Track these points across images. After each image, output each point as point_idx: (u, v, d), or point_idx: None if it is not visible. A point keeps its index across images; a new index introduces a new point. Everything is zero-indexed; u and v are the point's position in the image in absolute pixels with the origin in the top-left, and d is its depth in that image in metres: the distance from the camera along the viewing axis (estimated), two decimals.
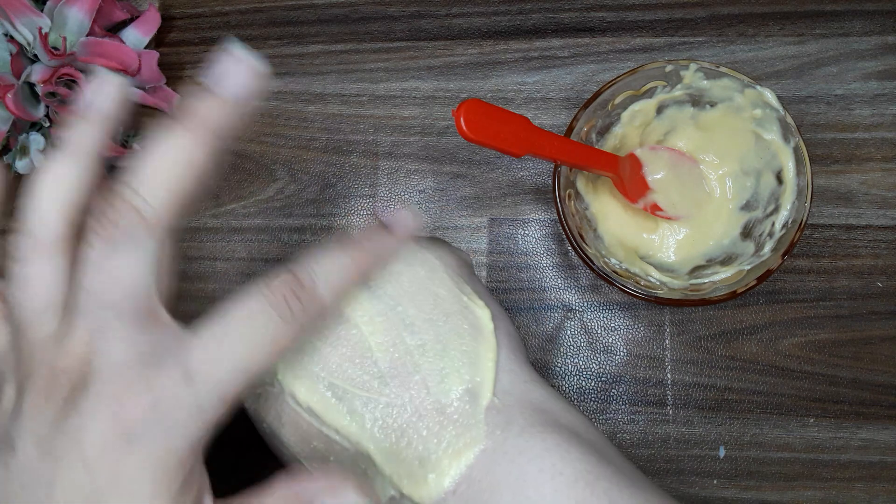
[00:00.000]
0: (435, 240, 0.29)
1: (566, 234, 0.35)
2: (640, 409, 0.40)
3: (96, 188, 0.22)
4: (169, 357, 0.20)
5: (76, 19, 0.41)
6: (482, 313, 0.26)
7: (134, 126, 0.45)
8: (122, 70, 0.42)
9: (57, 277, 0.21)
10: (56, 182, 0.21)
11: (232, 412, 0.21)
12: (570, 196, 0.37)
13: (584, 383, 0.40)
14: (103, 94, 0.22)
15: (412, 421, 0.23)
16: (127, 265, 0.20)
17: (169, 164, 0.21)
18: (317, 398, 0.24)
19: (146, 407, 0.19)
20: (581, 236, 0.36)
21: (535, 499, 0.22)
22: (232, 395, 0.20)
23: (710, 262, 0.38)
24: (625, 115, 0.38)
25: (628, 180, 0.37)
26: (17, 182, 0.45)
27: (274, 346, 0.21)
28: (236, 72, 0.21)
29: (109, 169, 0.47)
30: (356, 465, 0.24)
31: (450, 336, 0.25)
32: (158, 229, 0.21)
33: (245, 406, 0.26)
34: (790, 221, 0.35)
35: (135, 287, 0.20)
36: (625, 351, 0.40)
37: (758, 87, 0.35)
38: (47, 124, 0.41)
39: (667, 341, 0.40)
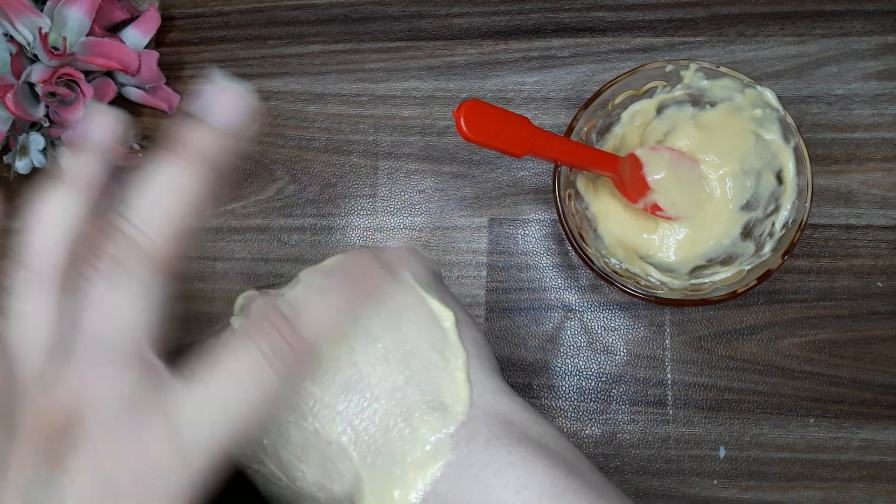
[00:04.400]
0: (406, 248, 0.29)
1: (566, 234, 0.35)
2: (641, 409, 0.40)
3: (95, 221, 0.21)
4: (157, 409, 0.19)
5: (76, 19, 0.41)
6: (447, 317, 0.26)
7: (134, 126, 0.45)
8: (123, 70, 0.42)
9: (53, 314, 0.20)
10: (54, 214, 0.21)
11: (222, 472, 0.20)
12: (570, 196, 0.37)
13: (584, 383, 0.40)
14: (101, 127, 0.22)
15: (378, 435, 0.23)
16: (126, 303, 0.20)
17: (166, 197, 0.20)
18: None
19: (131, 466, 0.18)
20: (581, 236, 0.36)
21: None
22: (220, 449, 0.19)
23: (711, 262, 0.38)
24: (625, 115, 0.38)
25: (628, 180, 0.37)
26: (18, 183, 0.45)
27: (264, 397, 0.20)
28: (224, 101, 0.21)
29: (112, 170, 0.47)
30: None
31: (416, 348, 0.25)
32: (160, 263, 0.20)
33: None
34: (790, 221, 0.35)
35: (132, 327, 0.20)
36: (625, 351, 0.40)
37: (758, 87, 0.35)
38: (47, 124, 0.41)
39: (667, 341, 0.40)
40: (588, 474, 0.25)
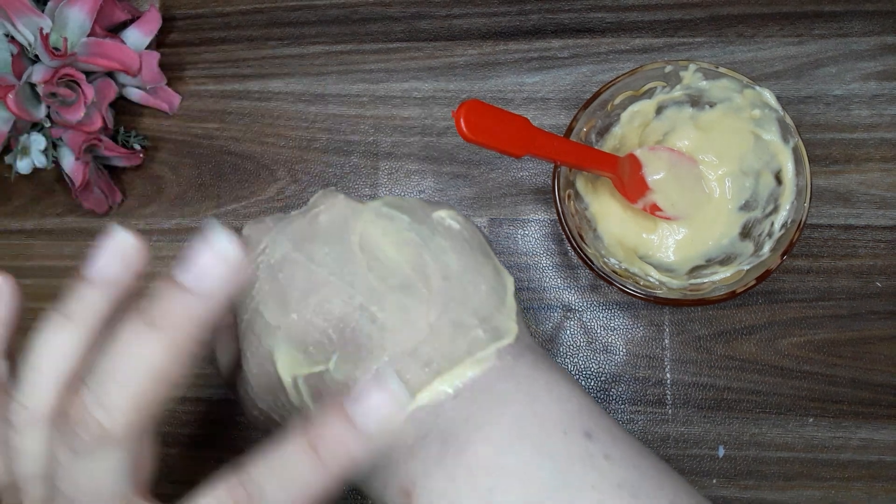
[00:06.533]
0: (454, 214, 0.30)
1: (566, 234, 0.35)
2: (640, 408, 0.40)
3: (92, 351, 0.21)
4: None
5: (77, 20, 0.41)
6: (508, 279, 0.27)
7: (134, 126, 0.45)
8: (124, 70, 0.42)
9: (45, 450, 0.20)
10: (55, 353, 0.20)
11: None
12: (569, 196, 0.37)
13: (583, 383, 0.40)
14: (115, 258, 0.21)
15: (425, 330, 0.24)
16: (91, 473, 0.19)
17: (135, 373, 0.19)
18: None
19: None
20: (581, 236, 0.36)
21: (543, 415, 0.22)
22: None
23: (710, 262, 0.38)
24: (624, 116, 0.38)
25: (628, 180, 0.37)
26: (19, 183, 0.45)
27: None
28: (210, 262, 0.19)
29: (111, 169, 0.47)
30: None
31: (480, 277, 0.26)
32: (123, 439, 0.19)
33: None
34: (789, 221, 0.35)
35: (101, 492, 0.19)
36: (624, 350, 0.40)
37: (757, 88, 0.35)
38: (48, 125, 0.42)
39: (666, 341, 0.40)
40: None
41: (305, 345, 0.25)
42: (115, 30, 0.44)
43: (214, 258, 0.19)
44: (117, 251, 0.21)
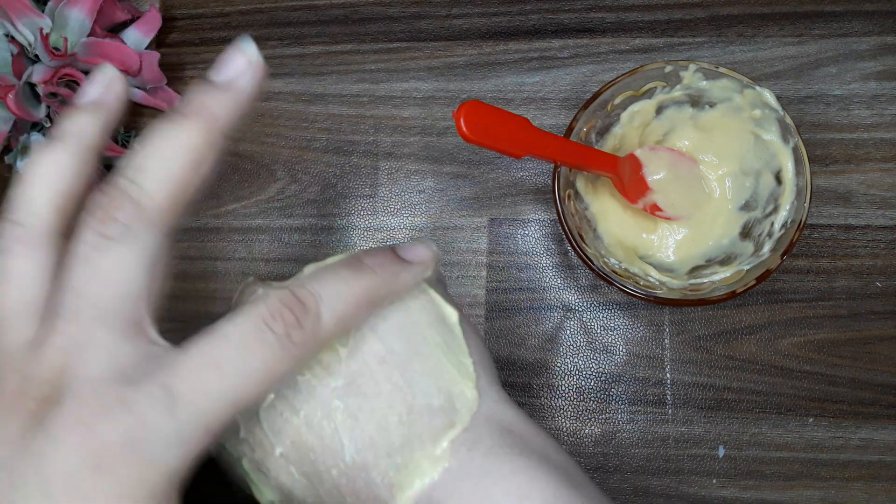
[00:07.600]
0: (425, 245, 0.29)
1: (566, 234, 0.35)
2: (640, 408, 0.40)
3: (92, 184, 0.21)
4: (152, 376, 0.18)
5: (77, 20, 0.41)
6: (451, 314, 0.26)
7: (134, 126, 0.45)
8: (124, 70, 0.42)
9: (41, 274, 0.19)
10: (50, 171, 0.20)
11: (213, 443, 0.19)
12: (569, 196, 0.37)
13: (583, 383, 0.40)
14: (105, 86, 0.21)
15: (374, 434, 0.22)
16: (122, 263, 0.19)
17: (171, 155, 0.19)
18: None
19: (120, 433, 0.17)
20: (581, 236, 0.36)
21: None
22: (217, 425, 0.18)
23: (710, 262, 0.38)
24: (624, 116, 0.38)
25: (628, 180, 0.37)
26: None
27: (267, 375, 0.19)
28: (240, 64, 0.21)
29: (108, 168, 0.47)
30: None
31: (422, 350, 0.24)
32: (159, 223, 0.19)
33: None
34: (789, 221, 0.35)
35: (127, 289, 0.19)
36: (624, 350, 0.40)
37: (757, 88, 0.35)
38: (48, 124, 0.42)
39: (666, 341, 0.40)
40: (588, 489, 0.24)
41: (268, 469, 0.24)
42: (115, 30, 0.44)
43: (245, 61, 0.21)
44: (103, 79, 0.21)
